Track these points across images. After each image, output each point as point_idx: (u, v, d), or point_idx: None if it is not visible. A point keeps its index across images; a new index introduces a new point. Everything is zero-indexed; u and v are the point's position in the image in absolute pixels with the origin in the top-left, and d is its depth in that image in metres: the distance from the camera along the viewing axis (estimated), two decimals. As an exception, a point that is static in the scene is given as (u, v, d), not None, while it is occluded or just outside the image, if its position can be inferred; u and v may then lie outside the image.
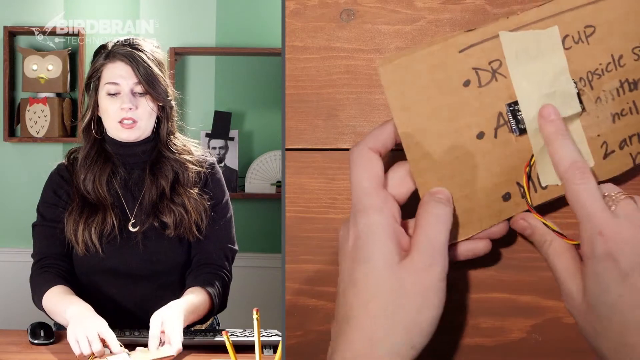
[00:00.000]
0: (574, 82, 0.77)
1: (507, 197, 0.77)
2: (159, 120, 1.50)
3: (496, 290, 0.85)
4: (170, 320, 1.28)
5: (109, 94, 1.44)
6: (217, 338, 1.34)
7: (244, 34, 2.87)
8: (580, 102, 0.77)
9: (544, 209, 0.79)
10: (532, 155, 0.77)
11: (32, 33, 2.80)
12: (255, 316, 1.07)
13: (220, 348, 1.30)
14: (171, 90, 1.50)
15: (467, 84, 0.76)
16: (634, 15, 0.78)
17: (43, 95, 2.78)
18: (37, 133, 2.80)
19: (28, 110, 2.79)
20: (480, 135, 0.76)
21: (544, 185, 0.78)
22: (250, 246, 2.75)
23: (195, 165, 1.52)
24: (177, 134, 1.54)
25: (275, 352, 1.32)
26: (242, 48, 2.83)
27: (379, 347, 0.67)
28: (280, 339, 1.34)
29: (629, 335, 0.69)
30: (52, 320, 1.46)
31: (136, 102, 1.44)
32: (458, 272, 0.85)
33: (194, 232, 1.48)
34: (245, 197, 2.81)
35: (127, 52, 1.44)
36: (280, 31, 0.85)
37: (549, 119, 0.75)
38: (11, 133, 2.85)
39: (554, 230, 0.77)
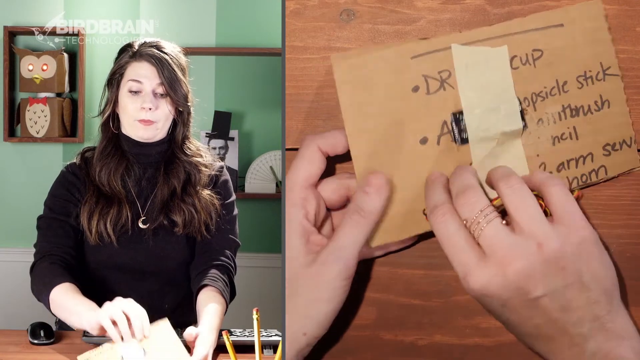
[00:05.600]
0: (518, 100, 0.79)
1: None
2: (174, 124, 1.52)
3: (496, 290, 0.85)
4: (204, 339, 1.26)
5: (130, 92, 1.46)
6: (217, 338, 1.34)
7: (244, 34, 2.87)
8: (523, 119, 0.80)
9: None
10: (470, 165, 0.79)
11: (32, 33, 2.79)
12: (255, 316, 1.07)
13: (220, 348, 1.30)
14: (191, 97, 1.52)
15: (416, 89, 0.78)
16: (580, 46, 0.80)
17: (43, 95, 2.78)
18: (37, 133, 2.79)
19: (28, 110, 2.79)
20: (424, 141, 0.79)
21: None
22: (250, 246, 2.75)
23: (206, 167, 1.54)
24: (192, 139, 1.56)
25: (275, 352, 1.32)
26: (242, 48, 2.83)
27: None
28: (280, 339, 1.34)
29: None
30: (53, 314, 1.45)
31: (157, 103, 1.46)
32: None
33: (203, 231, 1.50)
34: (245, 197, 2.81)
35: (153, 53, 1.46)
36: (280, 31, 0.85)
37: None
38: (11, 133, 2.84)
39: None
